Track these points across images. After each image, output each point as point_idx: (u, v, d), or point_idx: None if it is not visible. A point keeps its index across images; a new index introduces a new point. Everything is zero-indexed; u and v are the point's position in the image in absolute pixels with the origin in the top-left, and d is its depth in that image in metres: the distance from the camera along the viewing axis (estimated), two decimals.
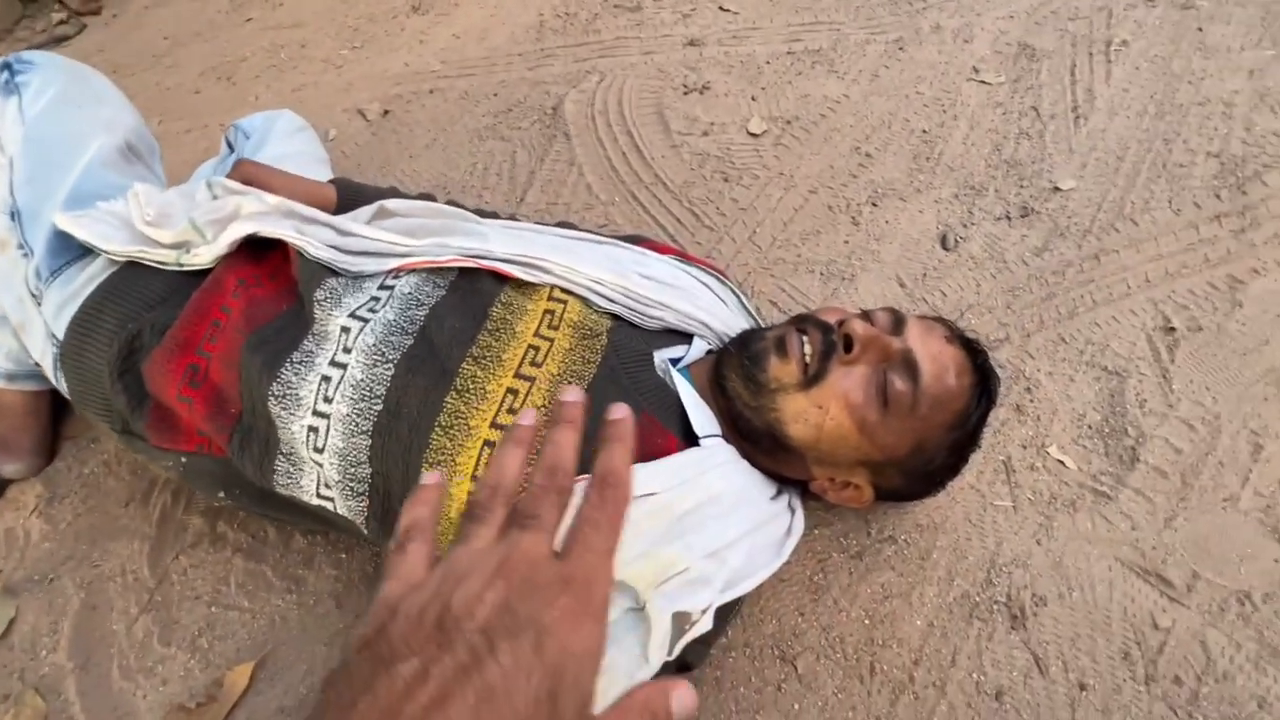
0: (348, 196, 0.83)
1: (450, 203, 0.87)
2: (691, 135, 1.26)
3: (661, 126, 1.28)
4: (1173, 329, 0.94)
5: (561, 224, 0.90)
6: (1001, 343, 0.95)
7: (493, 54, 1.52)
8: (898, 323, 0.65)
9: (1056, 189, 1.12)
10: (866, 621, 0.74)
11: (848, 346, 0.63)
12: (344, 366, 0.62)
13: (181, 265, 0.72)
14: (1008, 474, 0.83)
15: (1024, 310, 0.98)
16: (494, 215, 0.89)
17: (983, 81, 1.30)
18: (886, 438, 0.63)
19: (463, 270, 0.70)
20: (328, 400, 0.61)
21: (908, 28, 1.42)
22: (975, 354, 0.67)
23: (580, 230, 0.86)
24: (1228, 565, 0.75)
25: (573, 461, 0.33)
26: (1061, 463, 0.84)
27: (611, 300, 0.72)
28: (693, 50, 1.43)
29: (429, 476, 0.36)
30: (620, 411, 0.34)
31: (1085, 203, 1.10)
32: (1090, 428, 0.87)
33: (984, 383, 0.66)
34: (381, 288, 0.69)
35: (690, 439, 0.66)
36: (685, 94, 1.34)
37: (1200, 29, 1.35)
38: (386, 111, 1.43)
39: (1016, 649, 0.72)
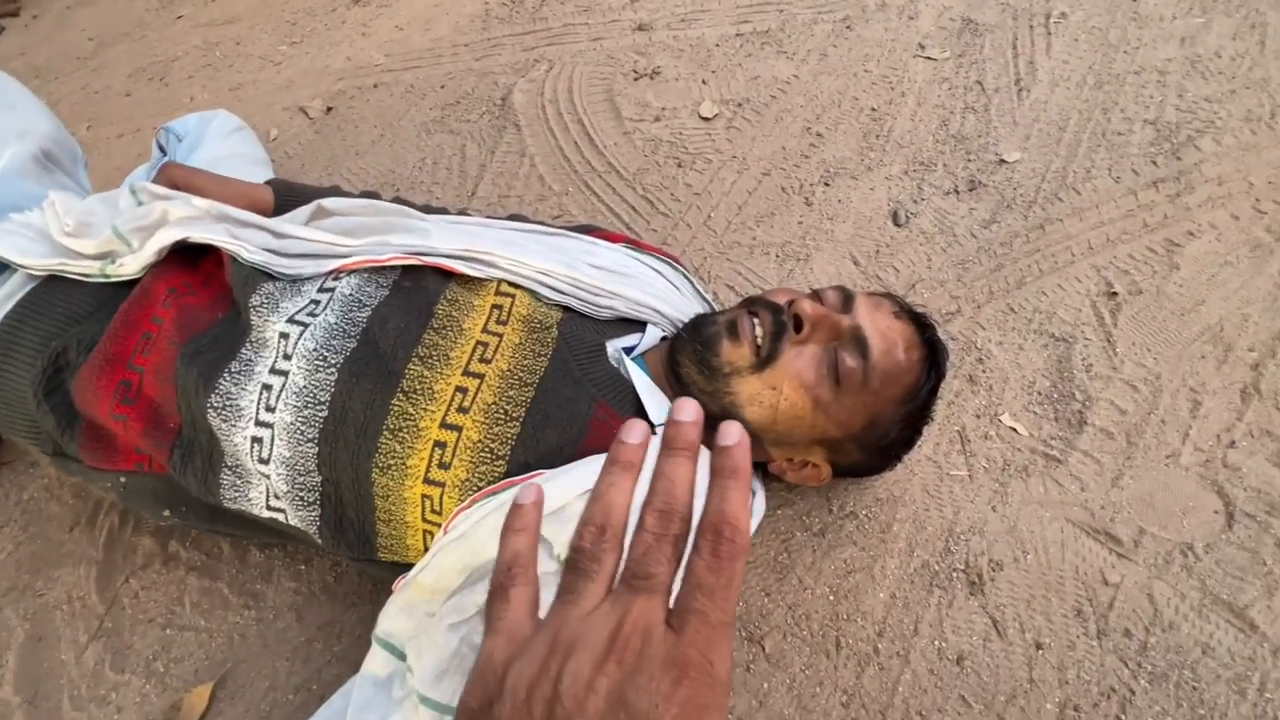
0: (285, 198, 0.80)
1: (398, 199, 0.85)
2: (643, 121, 1.25)
3: (613, 113, 1.27)
4: (1115, 294, 0.97)
5: (513, 217, 0.88)
6: (953, 315, 0.97)
7: (438, 45, 1.49)
8: (847, 300, 0.66)
9: (1002, 161, 1.14)
10: (831, 597, 0.75)
11: (798, 326, 0.63)
12: (285, 374, 0.60)
13: (107, 276, 0.69)
14: (963, 444, 0.85)
15: (974, 282, 1.00)
16: (443, 211, 0.87)
17: (929, 58, 1.31)
18: (840, 415, 0.64)
19: (406, 268, 0.69)
20: (270, 409, 0.59)
21: (854, 6, 1.42)
22: (923, 327, 0.67)
23: (530, 222, 0.84)
24: (1171, 519, 0.78)
25: (689, 502, 0.28)
26: (1014, 430, 0.86)
27: (561, 292, 0.71)
28: (642, 35, 1.42)
29: (526, 493, 0.32)
30: (733, 435, 0.29)
31: (1030, 174, 1.12)
32: (1040, 394, 0.89)
33: (933, 355, 0.67)
34: (321, 290, 0.66)
35: None
36: (636, 80, 1.33)
37: None
38: (330, 108, 1.38)
39: (975, 614, 0.73)
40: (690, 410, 0.30)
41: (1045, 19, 1.36)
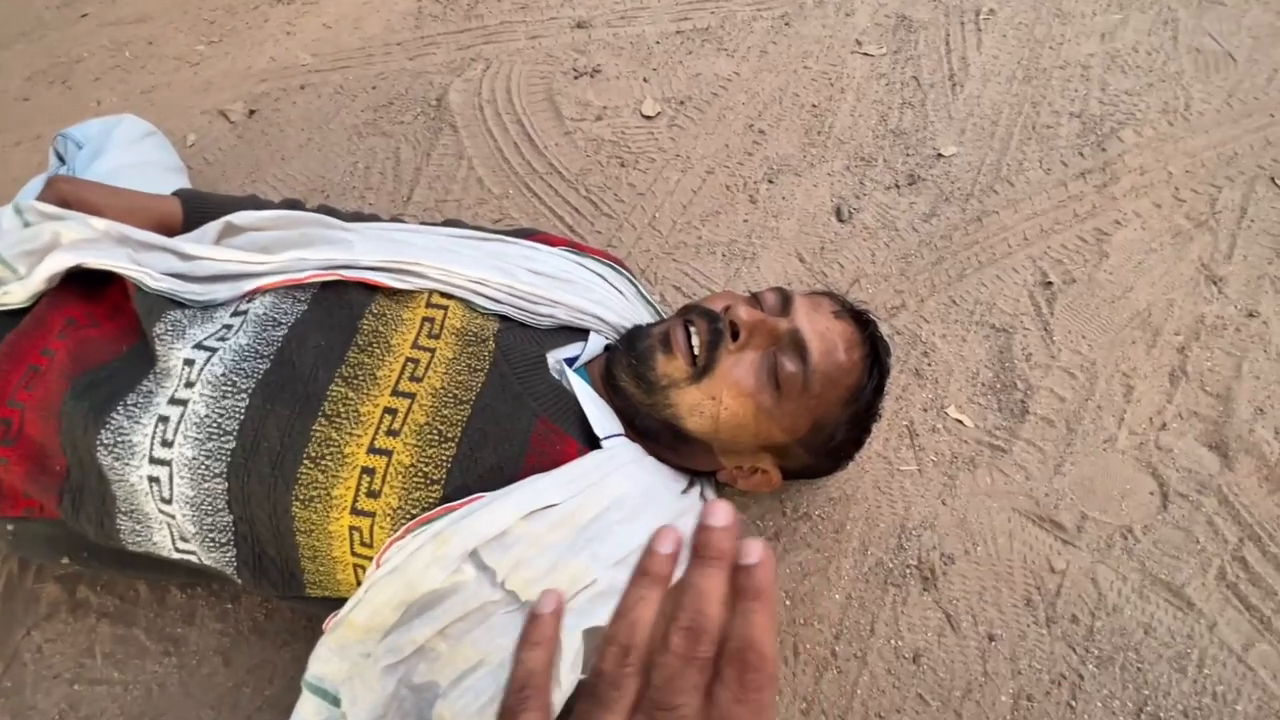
0: (196, 209, 0.74)
1: (324, 208, 0.80)
2: (585, 121, 1.22)
3: (553, 113, 1.24)
4: (1050, 283, 0.99)
5: (449, 222, 0.85)
6: (898, 309, 0.97)
7: (368, 44, 1.42)
8: (785, 302, 0.64)
9: (939, 155, 1.15)
10: (788, 602, 0.74)
11: (735, 333, 0.62)
12: (184, 403, 0.55)
13: None
14: (911, 438, 0.85)
15: (917, 276, 1.01)
16: (374, 218, 0.82)
17: (866, 54, 1.33)
18: (784, 420, 0.62)
19: (327, 282, 0.64)
20: (166, 444, 0.54)
21: (792, 3, 1.42)
22: (864, 325, 0.67)
23: (467, 228, 0.81)
24: (1111, 503, 0.80)
25: (719, 620, 0.26)
26: (960, 422, 0.87)
27: (497, 301, 0.68)
28: (581, 33, 1.38)
29: (546, 601, 0.29)
30: (755, 552, 0.26)
31: (966, 167, 1.14)
32: (983, 385, 0.90)
33: (875, 354, 0.66)
34: (234, 314, 0.61)
35: (592, 442, 0.63)
36: (576, 78, 1.29)
37: None
38: (252, 111, 1.30)
39: (929, 610, 0.73)
40: (723, 514, 0.27)
41: (975, 15, 1.39)
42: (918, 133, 1.19)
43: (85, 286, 0.64)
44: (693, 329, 0.63)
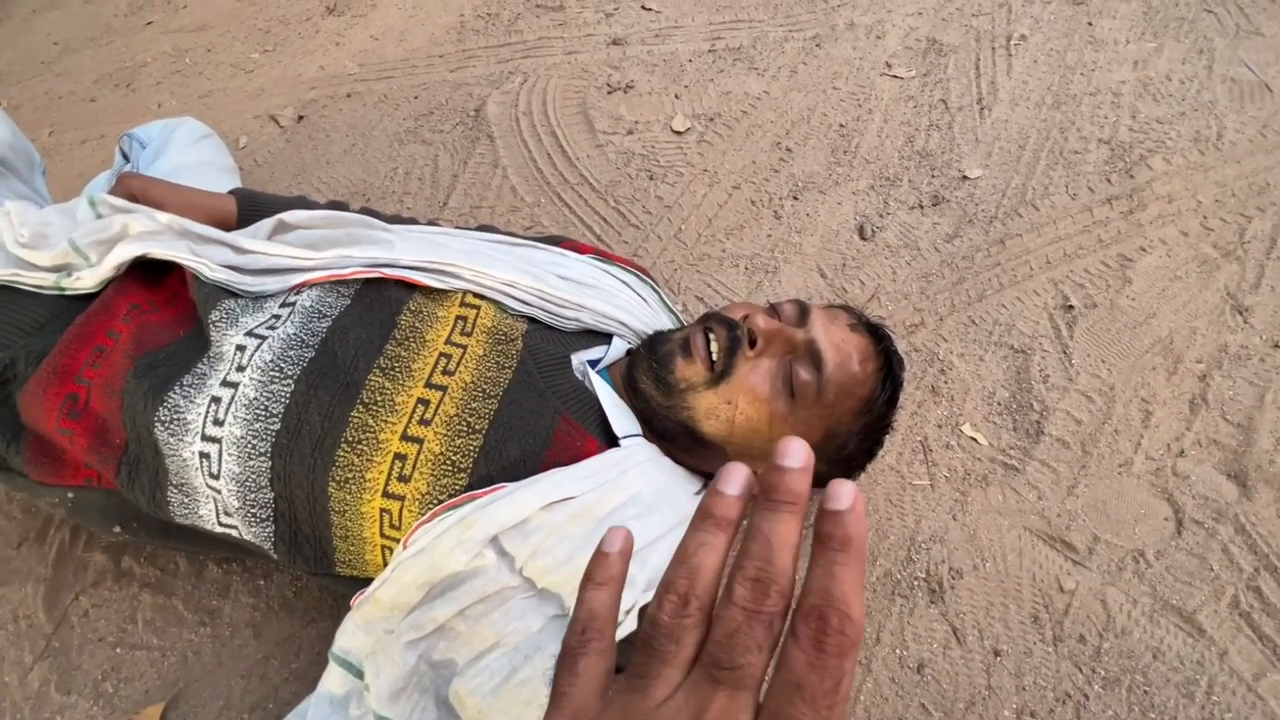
0: (249, 208, 0.79)
1: (367, 210, 0.84)
2: (616, 134, 1.26)
3: (586, 126, 1.28)
4: (1071, 307, 1.00)
5: (483, 227, 0.89)
6: (917, 327, 0.99)
7: (412, 56, 1.49)
8: (803, 313, 0.67)
9: (965, 178, 1.17)
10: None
11: (752, 341, 0.64)
12: (235, 385, 0.59)
13: (62, 290, 0.68)
14: (925, 454, 0.87)
15: (937, 295, 1.02)
16: (412, 221, 0.87)
17: (895, 76, 1.35)
18: (797, 427, 0.64)
19: (369, 279, 0.68)
20: (218, 423, 0.58)
21: (824, 25, 1.46)
22: (879, 339, 0.68)
23: (499, 233, 0.85)
24: (1124, 526, 0.80)
25: (790, 573, 0.23)
26: (974, 440, 0.88)
27: (526, 303, 0.71)
28: (616, 49, 1.43)
29: (612, 538, 0.27)
30: (845, 498, 0.23)
31: (991, 190, 1.15)
32: (999, 404, 0.91)
33: (889, 367, 0.68)
34: (283, 305, 0.66)
35: (611, 441, 0.66)
36: (609, 93, 1.34)
37: (1090, 23, 1.43)
38: (301, 117, 1.37)
39: (936, 621, 0.74)
40: (799, 454, 0.24)
41: (1006, 41, 1.40)
42: (944, 154, 1.20)
43: (147, 275, 0.69)
44: (712, 336, 0.65)
